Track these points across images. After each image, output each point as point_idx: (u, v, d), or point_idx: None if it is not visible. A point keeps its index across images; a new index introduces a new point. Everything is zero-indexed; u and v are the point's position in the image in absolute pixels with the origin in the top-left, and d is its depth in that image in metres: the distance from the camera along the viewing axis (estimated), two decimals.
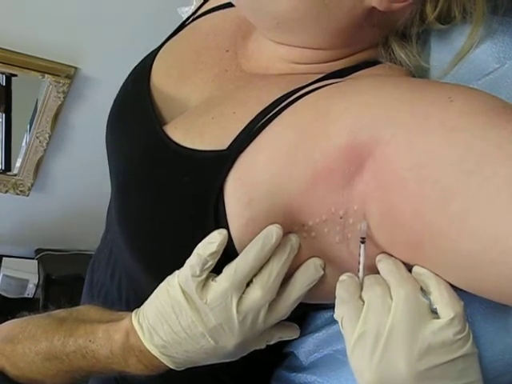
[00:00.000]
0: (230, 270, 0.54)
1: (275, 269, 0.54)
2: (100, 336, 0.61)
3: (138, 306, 0.71)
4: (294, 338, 0.64)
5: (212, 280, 0.55)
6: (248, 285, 0.55)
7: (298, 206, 0.53)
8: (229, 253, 0.55)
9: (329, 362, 0.70)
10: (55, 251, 2.54)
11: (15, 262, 2.47)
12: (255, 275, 0.55)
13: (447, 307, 0.48)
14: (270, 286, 0.54)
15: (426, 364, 0.47)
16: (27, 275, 2.42)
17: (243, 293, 0.54)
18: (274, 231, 0.53)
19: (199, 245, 0.54)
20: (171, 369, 0.60)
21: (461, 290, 0.49)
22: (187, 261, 0.55)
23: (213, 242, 0.53)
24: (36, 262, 2.50)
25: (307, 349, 0.74)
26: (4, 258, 2.46)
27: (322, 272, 0.56)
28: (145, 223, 0.61)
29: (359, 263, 0.53)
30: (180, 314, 0.55)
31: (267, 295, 0.54)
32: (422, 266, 0.50)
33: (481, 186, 0.42)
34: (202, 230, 0.55)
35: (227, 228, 0.55)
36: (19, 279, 2.41)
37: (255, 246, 0.53)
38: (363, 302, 0.51)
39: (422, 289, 0.50)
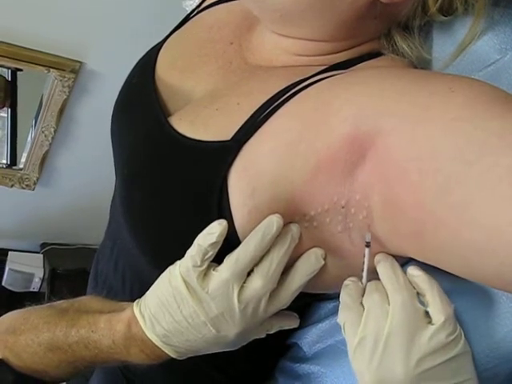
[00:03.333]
0: (231, 259, 0.54)
1: (276, 258, 0.54)
2: (102, 326, 0.61)
3: (141, 296, 0.72)
4: (294, 327, 0.64)
5: (213, 270, 0.55)
6: (249, 274, 0.55)
7: (300, 196, 0.53)
8: (231, 242, 0.56)
9: (332, 352, 0.70)
10: (61, 245, 2.55)
11: (21, 256, 2.48)
12: (256, 265, 0.55)
13: (439, 312, 0.50)
14: (270, 275, 0.54)
15: (422, 367, 0.49)
16: (33, 269, 2.42)
17: (244, 282, 0.55)
18: (274, 221, 0.53)
19: (199, 235, 0.55)
20: (173, 358, 0.61)
21: (461, 279, 0.50)
22: (188, 251, 0.55)
23: (213, 232, 0.53)
24: (41, 256, 2.51)
25: (310, 339, 0.74)
26: (10, 252, 2.46)
27: (323, 262, 0.56)
28: (149, 214, 0.62)
29: (362, 270, 0.55)
30: (182, 303, 0.56)
31: (268, 284, 0.55)
32: (418, 268, 0.52)
33: (482, 175, 0.42)
34: (206, 219, 0.56)
35: (230, 217, 0.55)
36: (25, 273, 2.42)
37: (256, 236, 0.54)
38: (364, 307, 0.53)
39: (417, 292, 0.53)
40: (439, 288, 0.51)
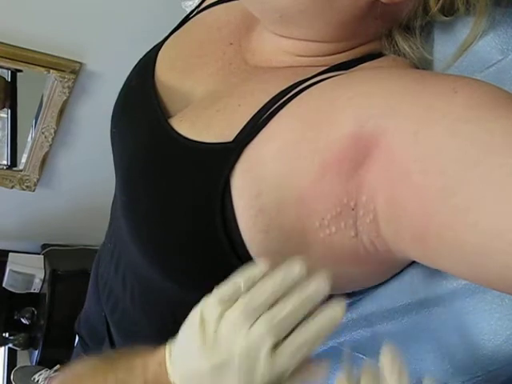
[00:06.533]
0: (242, 299, 0.49)
1: (289, 306, 0.48)
2: (137, 366, 0.57)
3: (142, 299, 0.71)
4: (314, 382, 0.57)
5: (228, 310, 0.50)
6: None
7: (310, 197, 0.53)
8: (236, 244, 0.56)
9: (334, 354, 0.70)
10: (61, 246, 2.55)
11: (21, 257, 2.48)
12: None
13: None
14: (276, 322, 0.48)
15: None
16: (33, 270, 2.43)
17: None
18: (297, 264, 0.49)
19: (237, 273, 0.50)
20: None
21: (464, 281, 0.50)
22: (216, 288, 0.51)
23: (254, 272, 0.50)
24: (42, 257, 2.51)
25: None
26: (10, 254, 2.47)
27: (337, 325, 0.50)
28: (150, 216, 0.61)
29: None
30: (194, 345, 0.51)
31: (273, 332, 0.48)
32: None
33: (485, 177, 0.42)
34: (208, 222, 0.55)
35: (234, 219, 0.55)
36: (25, 274, 2.42)
37: (275, 278, 0.49)
38: None
39: None
40: None
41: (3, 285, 2.41)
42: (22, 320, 2.52)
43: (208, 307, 0.50)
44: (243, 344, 0.48)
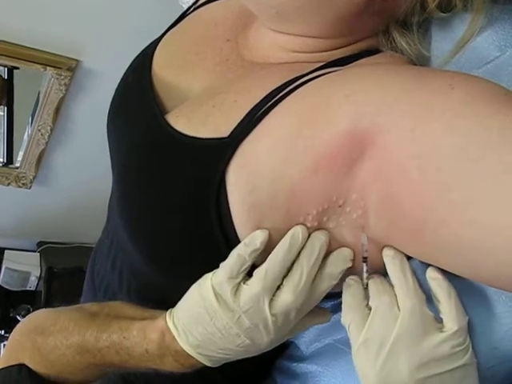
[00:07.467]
0: (260, 273, 0.54)
1: (305, 271, 0.54)
2: (135, 334, 0.61)
3: (139, 295, 0.71)
4: (326, 323, 0.64)
5: (243, 283, 0.55)
6: (279, 287, 0.55)
7: (301, 194, 0.53)
8: (231, 241, 0.56)
9: (330, 351, 0.70)
10: (57, 244, 2.55)
11: (17, 254, 2.48)
12: (285, 276, 0.55)
13: (453, 320, 0.51)
14: (300, 289, 0.54)
15: (427, 372, 0.50)
16: (29, 268, 2.42)
17: (274, 295, 0.55)
18: (299, 231, 0.53)
19: (239, 246, 0.55)
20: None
21: (461, 278, 0.50)
22: (223, 264, 0.55)
23: (255, 240, 0.54)
24: (38, 254, 2.51)
25: (308, 338, 0.74)
26: (6, 251, 2.46)
27: (350, 264, 0.56)
28: (146, 212, 0.61)
29: (363, 271, 0.56)
30: (214, 316, 0.56)
31: (299, 299, 0.54)
32: (437, 271, 0.52)
33: (483, 173, 0.42)
34: (204, 218, 0.55)
35: (229, 215, 0.55)
36: (21, 272, 2.42)
37: (283, 248, 0.54)
38: (369, 309, 0.54)
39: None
40: (456, 296, 0.52)
41: None
42: (18, 317, 2.51)
43: (221, 283, 0.55)
44: (273, 311, 0.54)
